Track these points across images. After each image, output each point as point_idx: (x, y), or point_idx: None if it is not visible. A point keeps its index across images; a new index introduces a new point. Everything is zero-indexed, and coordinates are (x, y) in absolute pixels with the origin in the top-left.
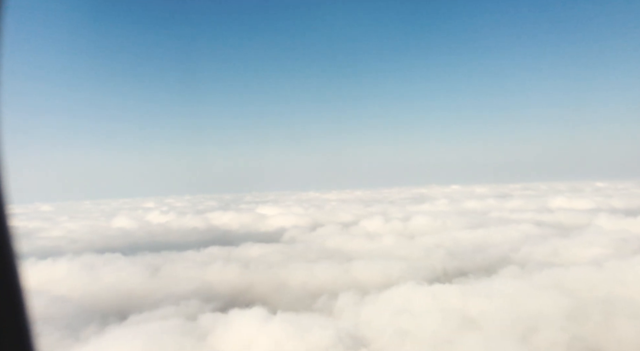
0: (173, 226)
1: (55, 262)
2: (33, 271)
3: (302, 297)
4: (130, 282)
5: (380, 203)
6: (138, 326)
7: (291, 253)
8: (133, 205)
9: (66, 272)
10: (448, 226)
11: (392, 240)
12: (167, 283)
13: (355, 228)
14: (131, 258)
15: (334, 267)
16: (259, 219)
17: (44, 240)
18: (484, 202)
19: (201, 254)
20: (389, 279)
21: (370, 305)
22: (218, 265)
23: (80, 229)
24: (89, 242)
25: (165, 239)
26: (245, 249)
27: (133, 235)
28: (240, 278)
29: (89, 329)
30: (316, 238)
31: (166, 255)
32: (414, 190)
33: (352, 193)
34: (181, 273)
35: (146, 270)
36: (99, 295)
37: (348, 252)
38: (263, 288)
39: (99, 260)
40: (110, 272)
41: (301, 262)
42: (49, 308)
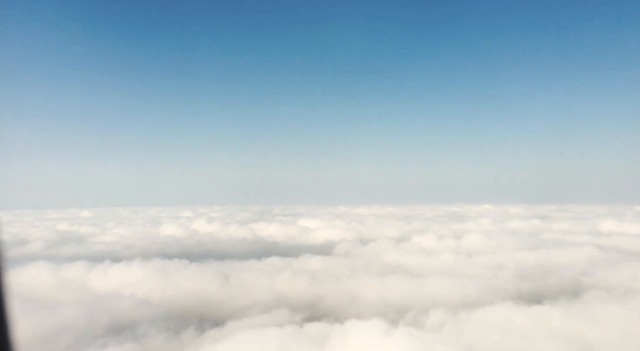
0: (221, 235)
1: (128, 265)
2: (109, 274)
3: (383, 311)
4: (206, 288)
5: (418, 220)
6: (244, 332)
7: (353, 266)
8: (170, 213)
9: (141, 276)
10: (504, 246)
11: (451, 258)
12: (242, 291)
13: (407, 244)
14: (199, 265)
15: (406, 282)
16: (304, 231)
17: (100, 245)
18: (527, 223)
19: (263, 264)
20: (468, 297)
21: (469, 324)
22: (286, 276)
23: (132, 235)
24: (144, 248)
25: (218, 248)
26: (305, 261)
27: (184, 242)
28: (311, 289)
29: (187, 333)
30: (371, 253)
31: (229, 264)
32: (445, 208)
33: (383, 209)
34: (252, 282)
35: (217, 277)
36: (180, 300)
37: (410, 268)
38: (337, 300)
39: (167, 266)
40: (183, 278)
41: (367, 275)
42: (137, 311)
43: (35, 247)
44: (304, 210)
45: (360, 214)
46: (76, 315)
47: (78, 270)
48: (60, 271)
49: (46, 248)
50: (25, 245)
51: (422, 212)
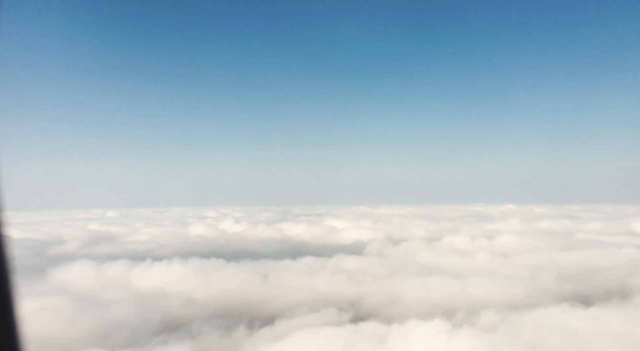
0: (249, 235)
1: (168, 264)
2: (150, 273)
3: (428, 312)
4: (247, 287)
5: (442, 220)
6: (303, 330)
7: (390, 266)
8: (194, 214)
9: (182, 275)
10: (539, 246)
11: (487, 258)
12: (284, 291)
13: (440, 244)
14: (236, 265)
15: (448, 283)
16: (331, 231)
17: (133, 244)
18: (557, 223)
19: (298, 264)
20: (514, 299)
21: (526, 325)
22: (324, 275)
23: (163, 235)
24: (176, 247)
25: (249, 247)
26: (340, 261)
27: (214, 242)
28: (351, 289)
29: (238, 331)
30: (404, 253)
31: (265, 263)
32: (466, 208)
33: (403, 209)
34: (291, 282)
35: (256, 276)
36: (224, 299)
37: (446, 268)
38: (379, 300)
39: (205, 265)
40: (223, 277)
41: (406, 275)
42: (186, 309)
43: (71, 246)
44: (324, 210)
45: (382, 214)
46: (128, 313)
47: (120, 269)
48: (103, 270)
49: (82, 247)
50: (61, 244)
51: (444, 212)
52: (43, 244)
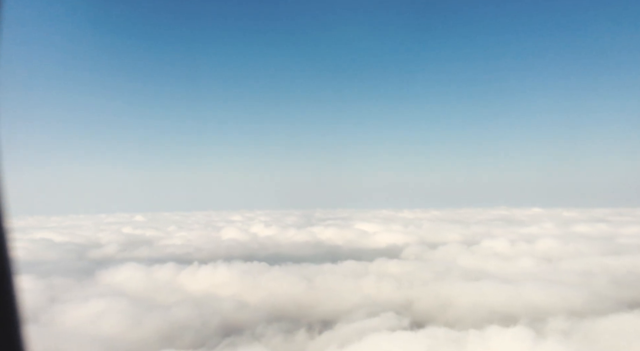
0: (281, 239)
1: (215, 268)
2: (198, 276)
3: (487, 318)
4: (296, 291)
5: (472, 223)
6: (373, 334)
7: (434, 270)
8: (220, 217)
9: (229, 278)
10: (582, 251)
11: (532, 263)
12: (334, 294)
13: (479, 248)
14: (280, 268)
15: (500, 288)
16: (363, 235)
17: (170, 247)
18: (593, 227)
19: (340, 267)
20: (573, 305)
21: (600, 332)
22: (370, 279)
23: (198, 239)
24: (213, 251)
25: (284, 251)
26: (382, 264)
27: (248, 246)
28: (400, 293)
29: (300, 335)
30: (444, 257)
31: (307, 267)
32: (491, 212)
33: (427, 212)
34: (338, 285)
35: (302, 280)
36: (275, 302)
37: (492, 273)
38: (431, 304)
39: (250, 268)
40: (270, 280)
41: (454, 280)
42: (241, 312)
43: (110, 250)
44: (347, 214)
45: (407, 218)
46: (188, 315)
47: (168, 271)
48: (152, 273)
49: (120, 250)
50: (100, 247)
51: (469, 215)
52: (83, 247)
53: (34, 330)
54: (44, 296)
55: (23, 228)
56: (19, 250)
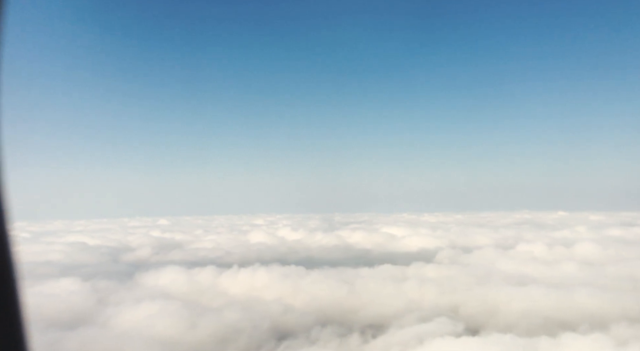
0: (309, 242)
1: (255, 271)
2: (239, 279)
3: (542, 324)
4: (339, 294)
5: (498, 227)
6: (437, 340)
7: (474, 274)
8: (243, 221)
9: (270, 281)
10: (624, 255)
11: (574, 268)
12: (377, 298)
13: (515, 253)
14: (318, 272)
15: (550, 293)
16: (392, 239)
17: (202, 251)
18: (627, 230)
19: (377, 271)
20: (632, 311)
21: None
22: (412, 283)
23: (227, 242)
24: (244, 255)
25: (315, 255)
26: (419, 269)
27: (277, 249)
28: (444, 298)
29: (353, 339)
30: (481, 261)
31: (344, 271)
32: (515, 215)
33: (451, 216)
34: (380, 289)
35: (342, 284)
36: (321, 306)
37: (535, 277)
38: (478, 310)
39: (289, 272)
40: (310, 284)
41: (497, 285)
42: (288, 316)
43: (144, 253)
44: (367, 217)
45: (430, 221)
46: (238, 318)
47: (208, 275)
48: (192, 276)
49: (153, 254)
50: (133, 251)
51: (492, 218)
52: (116, 250)
53: (91, 332)
54: (91, 299)
55: (53, 231)
56: (55, 253)
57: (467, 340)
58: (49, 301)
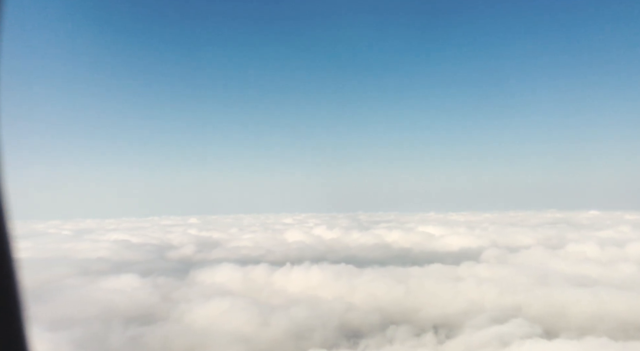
0: (347, 241)
1: (307, 269)
2: (293, 277)
3: (617, 326)
4: (396, 294)
5: (537, 227)
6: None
7: (531, 275)
8: (271, 220)
9: (324, 280)
10: None
11: (634, 268)
12: (437, 298)
13: (565, 253)
14: (371, 271)
15: (619, 295)
16: (430, 238)
17: (243, 249)
18: None
19: (427, 270)
20: None
21: None
22: (468, 283)
23: (265, 241)
24: (285, 253)
25: (357, 254)
26: (469, 268)
27: (316, 248)
28: (505, 298)
29: (428, 338)
30: (530, 261)
31: (393, 270)
32: (546, 215)
33: (479, 215)
34: (435, 288)
35: (396, 282)
36: (380, 304)
37: (596, 278)
38: (543, 311)
39: (339, 270)
40: (365, 282)
41: (558, 286)
42: (354, 315)
43: (187, 251)
44: (393, 216)
45: (459, 220)
46: (305, 316)
47: (262, 272)
48: (247, 273)
49: (197, 252)
50: (177, 249)
51: (522, 218)
52: (160, 248)
53: (170, 328)
54: (155, 295)
55: (89, 230)
56: (103, 250)
57: (563, 343)
58: (117, 297)
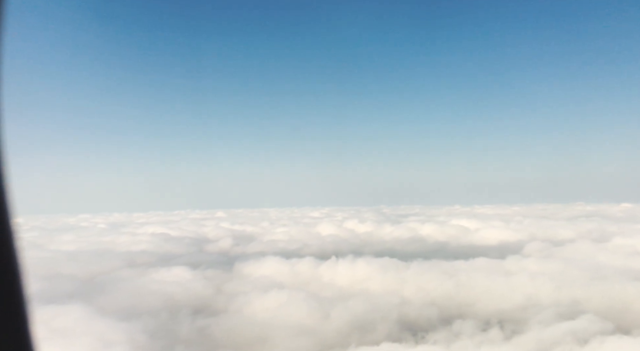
0: (381, 235)
1: (353, 262)
2: (340, 270)
3: None
4: (447, 288)
5: (571, 220)
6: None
7: (583, 268)
8: (298, 214)
9: (371, 273)
10: None
11: None
12: (487, 292)
13: (613, 246)
14: (415, 265)
15: None
16: (465, 232)
17: (279, 243)
18: None
19: (473, 264)
20: None
21: None
22: (521, 277)
23: (299, 235)
24: (321, 246)
25: (392, 247)
26: (517, 262)
27: (351, 241)
28: (559, 293)
29: (492, 334)
30: (578, 255)
31: (438, 264)
32: (576, 208)
33: (507, 208)
34: (486, 283)
35: (445, 277)
36: (433, 298)
37: None
38: (604, 307)
39: (384, 264)
40: (414, 276)
41: (617, 281)
42: (410, 308)
43: (224, 244)
44: (418, 209)
45: (488, 214)
46: (363, 309)
47: (308, 265)
48: (294, 266)
49: (234, 245)
50: (214, 242)
51: (551, 211)
52: (198, 241)
53: (231, 320)
54: (209, 287)
55: (122, 223)
56: (144, 243)
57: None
58: (173, 288)
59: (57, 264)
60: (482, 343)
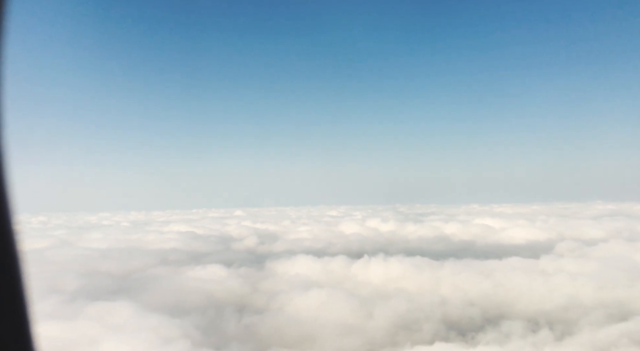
0: (405, 234)
1: (386, 261)
2: (373, 269)
3: None
4: (484, 287)
5: (596, 219)
6: None
7: (621, 268)
8: (315, 213)
9: (404, 272)
10: None
11: None
12: (527, 292)
13: None
14: (448, 264)
15: None
16: (490, 231)
17: (304, 241)
18: None
19: (506, 264)
20: None
21: None
22: (560, 278)
23: (323, 233)
24: (345, 245)
25: (418, 246)
26: (551, 262)
27: (375, 240)
28: (603, 293)
29: (544, 335)
30: (613, 254)
31: (470, 263)
32: (595, 206)
33: (526, 207)
34: (524, 283)
35: (480, 276)
36: (472, 298)
37: None
38: None
39: (417, 263)
40: (449, 276)
41: None
42: (450, 308)
43: (250, 243)
44: (435, 208)
45: (507, 212)
46: (405, 308)
47: (340, 264)
48: (326, 265)
49: (259, 243)
50: (240, 241)
51: (573, 210)
52: (223, 240)
53: (275, 318)
54: (246, 285)
55: (143, 222)
56: (173, 241)
57: None
58: (212, 286)
59: (93, 261)
60: (534, 345)
